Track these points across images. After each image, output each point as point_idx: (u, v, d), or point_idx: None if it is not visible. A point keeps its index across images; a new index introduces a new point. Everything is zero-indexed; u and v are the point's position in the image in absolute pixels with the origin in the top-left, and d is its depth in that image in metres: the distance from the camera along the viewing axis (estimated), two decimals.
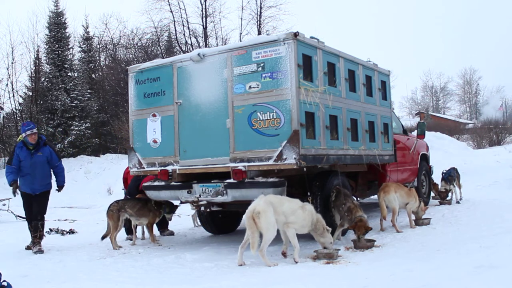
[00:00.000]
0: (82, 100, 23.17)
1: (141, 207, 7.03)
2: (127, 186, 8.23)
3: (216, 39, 27.83)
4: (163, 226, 8.10)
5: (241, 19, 27.66)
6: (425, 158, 10.16)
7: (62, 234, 8.73)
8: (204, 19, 27.25)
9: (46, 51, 24.01)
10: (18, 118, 24.77)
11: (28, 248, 7.08)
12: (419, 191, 9.47)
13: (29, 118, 24.00)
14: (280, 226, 5.29)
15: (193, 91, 6.32)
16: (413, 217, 7.28)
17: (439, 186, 9.72)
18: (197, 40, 27.47)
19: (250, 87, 5.83)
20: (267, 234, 5.04)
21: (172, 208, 7.38)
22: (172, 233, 8.06)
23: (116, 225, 6.84)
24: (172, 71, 6.50)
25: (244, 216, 5.28)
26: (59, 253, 6.82)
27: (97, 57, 28.41)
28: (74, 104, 22.82)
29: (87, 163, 20.36)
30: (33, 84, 24.53)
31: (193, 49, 20.99)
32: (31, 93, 24.74)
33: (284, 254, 5.54)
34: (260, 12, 27.61)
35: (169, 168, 6.43)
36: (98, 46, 28.83)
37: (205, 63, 6.23)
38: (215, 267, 5.33)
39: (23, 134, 7.15)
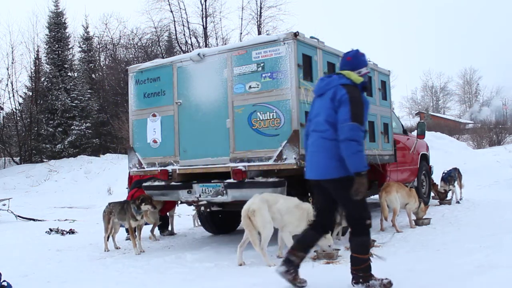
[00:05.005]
0: (82, 100, 23.17)
1: (120, 211, 6.66)
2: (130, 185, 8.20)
3: (216, 39, 27.92)
4: (163, 226, 8.10)
5: (241, 19, 27.78)
6: (425, 158, 10.15)
7: (62, 234, 8.73)
8: (204, 19, 27.32)
9: (46, 51, 24.02)
10: (18, 118, 24.77)
11: None
12: (419, 191, 9.48)
13: (29, 118, 24.02)
14: (277, 224, 5.26)
15: (193, 91, 6.31)
16: (413, 217, 7.28)
17: (439, 187, 9.72)
18: (197, 40, 27.54)
19: (250, 87, 5.82)
20: (264, 231, 5.04)
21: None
22: (172, 233, 8.05)
23: (106, 228, 6.82)
24: (172, 71, 6.49)
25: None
26: (59, 253, 6.81)
27: (97, 57, 28.42)
28: (74, 104, 22.82)
29: (87, 163, 20.36)
30: (33, 84, 24.55)
31: (193, 49, 20.97)
32: (31, 93, 24.76)
33: (279, 257, 5.51)
34: (260, 12, 27.69)
35: (169, 168, 6.42)
36: (98, 46, 28.85)
37: (205, 63, 6.22)
38: (215, 267, 5.33)
39: (363, 70, 3.91)
